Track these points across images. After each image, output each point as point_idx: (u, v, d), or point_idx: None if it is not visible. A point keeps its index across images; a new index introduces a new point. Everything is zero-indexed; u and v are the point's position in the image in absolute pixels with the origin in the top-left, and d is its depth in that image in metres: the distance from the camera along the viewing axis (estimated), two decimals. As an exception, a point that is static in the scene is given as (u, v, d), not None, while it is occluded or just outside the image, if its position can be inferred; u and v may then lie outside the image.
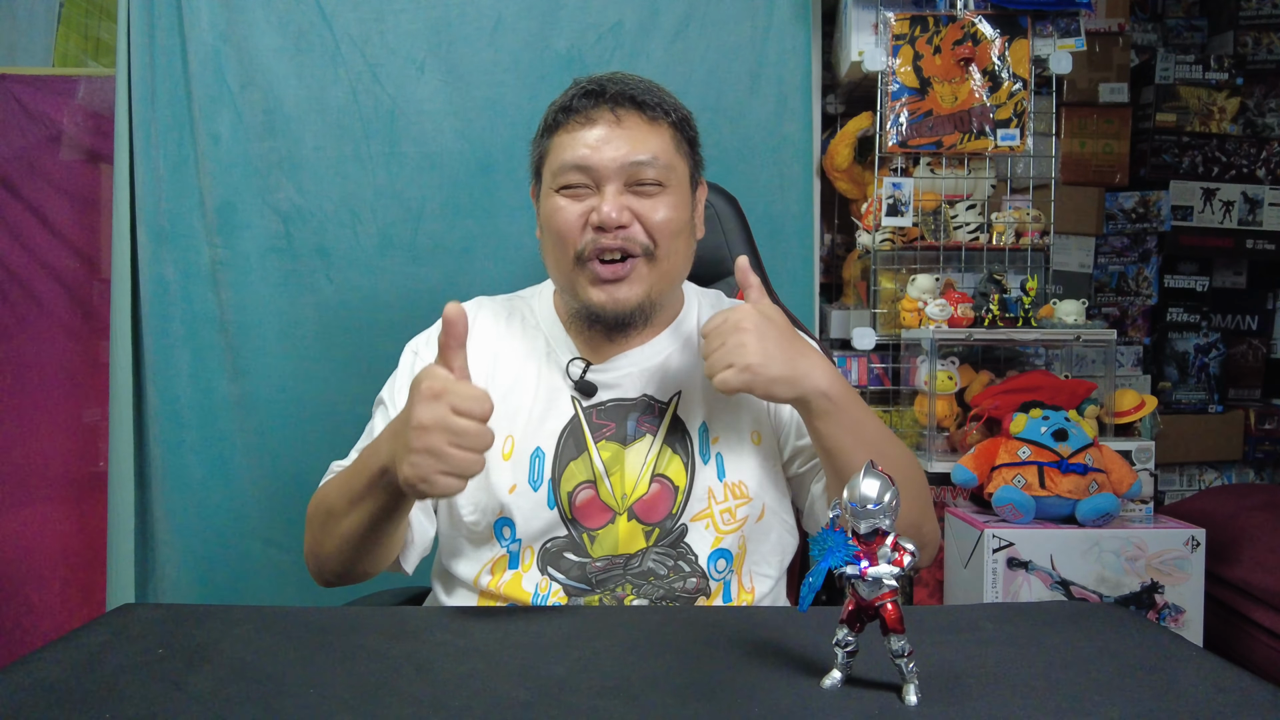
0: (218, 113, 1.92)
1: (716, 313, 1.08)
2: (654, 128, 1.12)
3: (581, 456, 1.14)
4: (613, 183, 1.10)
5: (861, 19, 2.06)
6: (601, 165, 1.09)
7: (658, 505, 1.13)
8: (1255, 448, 2.79)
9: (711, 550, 1.13)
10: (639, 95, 1.12)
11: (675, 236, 1.13)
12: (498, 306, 1.25)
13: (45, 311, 2.12)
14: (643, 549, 1.12)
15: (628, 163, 1.09)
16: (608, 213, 1.08)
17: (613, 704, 0.68)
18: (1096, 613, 0.92)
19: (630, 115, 1.11)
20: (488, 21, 1.95)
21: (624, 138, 1.10)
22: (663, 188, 1.12)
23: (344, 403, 1.90)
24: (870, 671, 0.71)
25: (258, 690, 0.71)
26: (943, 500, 1.92)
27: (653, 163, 1.10)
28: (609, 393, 1.17)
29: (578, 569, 1.11)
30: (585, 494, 1.13)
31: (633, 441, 1.15)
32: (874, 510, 0.68)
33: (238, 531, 1.94)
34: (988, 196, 2.10)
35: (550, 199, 1.13)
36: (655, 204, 1.11)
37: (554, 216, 1.12)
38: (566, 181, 1.11)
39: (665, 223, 1.11)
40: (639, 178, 1.10)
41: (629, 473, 1.13)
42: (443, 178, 1.95)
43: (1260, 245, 2.79)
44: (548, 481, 1.13)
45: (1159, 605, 1.71)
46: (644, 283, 1.12)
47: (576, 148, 1.10)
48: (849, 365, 2.14)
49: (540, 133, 1.17)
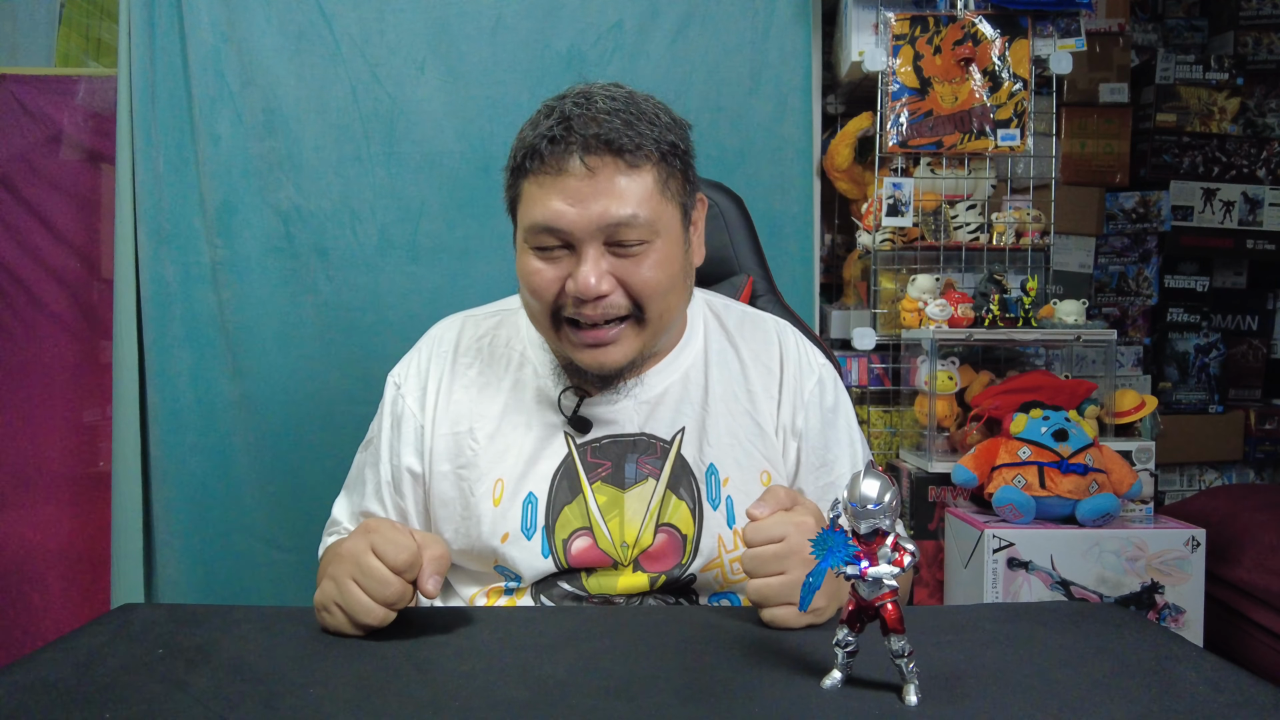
0: (218, 113, 1.92)
1: (763, 524, 0.88)
2: (634, 175, 0.96)
3: (576, 500, 1.05)
4: (590, 245, 0.96)
5: (862, 19, 2.06)
6: (575, 227, 0.96)
7: (665, 556, 1.05)
8: (1255, 448, 2.79)
9: (715, 594, 1.08)
10: (614, 137, 0.95)
11: (664, 295, 1.01)
12: (481, 330, 1.15)
13: (46, 312, 2.11)
14: (644, 592, 1.06)
15: (605, 223, 0.95)
16: (585, 280, 0.96)
17: (613, 704, 0.68)
18: (1096, 613, 0.92)
19: (605, 164, 0.95)
20: (488, 21, 1.95)
21: (599, 192, 0.95)
22: (647, 244, 0.98)
23: (344, 403, 1.90)
24: (870, 671, 0.71)
25: (258, 690, 0.71)
26: (943, 500, 1.92)
27: (633, 220, 0.96)
28: (605, 429, 1.07)
29: (572, 599, 1.06)
30: (582, 542, 1.05)
31: (632, 485, 1.06)
32: (874, 510, 0.68)
33: (238, 531, 1.94)
34: (988, 196, 2.10)
35: (524, 255, 1.01)
36: (639, 264, 0.98)
37: (530, 279, 1.00)
38: (539, 243, 0.99)
39: (652, 284, 0.98)
40: (619, 238, 0.97)
41: (629, 520, 1.05)
42: (443, 178, 1.95)
43: (1260, 245, 2.79)
44: (541, 529, 1.05)
45: (1159, 605, 1.71)
46: (632, 345, 1.02)
47: (548, 204, 0.96)
48: (849, 365, 2.14)
49: (511, 168, 1.03)
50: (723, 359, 1.13)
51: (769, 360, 1.13)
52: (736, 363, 1.13)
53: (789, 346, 1.15)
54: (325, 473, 1.26)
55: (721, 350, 1.14)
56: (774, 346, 1.14)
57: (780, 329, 1.18)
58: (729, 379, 1.12)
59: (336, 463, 1.29)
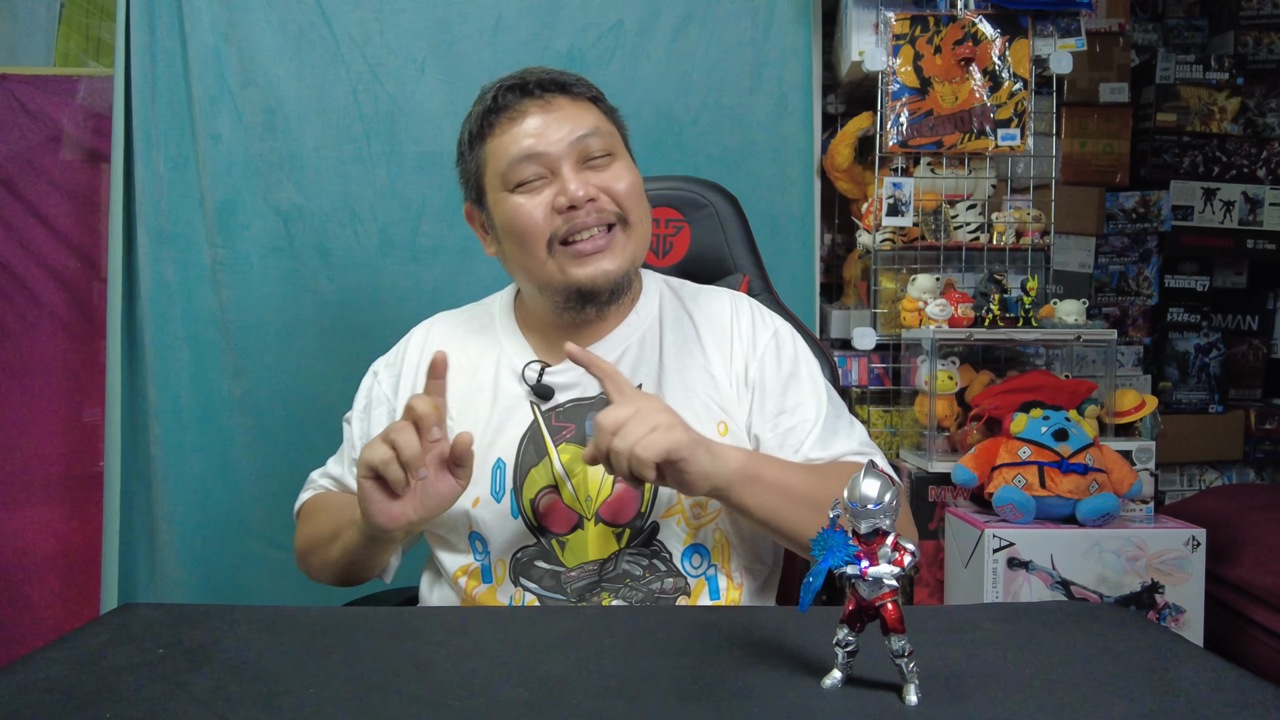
0: (218, 113, 1.92)
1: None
2: (582, 105, 1.12)
3: (542, 462, 1.11)
4: (566, 161, 1.09)
5: (862, 19, 2.06)
6: (551, 149, 1.08)
7: (625, 506, 1.10)
8: (1255, 448, 2.79)
9: (685, 547, 1.11)
10: (559, 78, 1.12)
11: (640, 201, 1.13)
12: (456, 320, 1.25)
13: (45, 311, 2.12)
14: (615, 551, 1.10)
15: (574, 139, 1.09)
16: (574, 190, 1.07)
17: (613, 704, 0.68)
18: (1097, 613, 0.92)
19: (557, 98, 1.11)
20: (488, 21, 1.95)
21: (561, 118, 1.09)
22: (612, 157, 1.12)
23: (344, 403, 1.87)
24: (870, 671, 0.71)
25: (258, 690, 0.71)
26: (943, 500, 1.92)
27: (596, 133, 1.10)
28: (567, 393, 1.14)
29: (551, 578, 1.09)
30: (548, 499, 1.10)
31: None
32: (874, 510, 0.68)
33: (238, 531, 1.94)
34: (988, 196, 2.10)
35: (505, 201, 1.11)
36: (613, 173, 1.11)
37: (516, 216, 1.10)
38: (520, 177, 1.09)
39: (629, 188, 1.11)
40: (589, 152, 1.10)
41: (592, 475, 1.10)
42: (443, 178, 1.95)
43: (1261, 245, 2.79)
44: (510, 491, 1.10)
45: (1159, 605, 1.71)
46: (624, 251, 1.11)
47: (519, 140, 1.09)
48: (849, 365, 2.14)
49: (465, 148, 1.16)
50: (677, 323, 1.20)
51: (721, 320, 1.19)
52: (690, 325, 1.19)
53: (742, 307, 1.21)
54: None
55: (676, 315, 1.20)
56: (726, 309, 1.20)
57: (735, 297, 1.24)
58: (683, 339, 1.18)
59: (336, 463, 1.29)
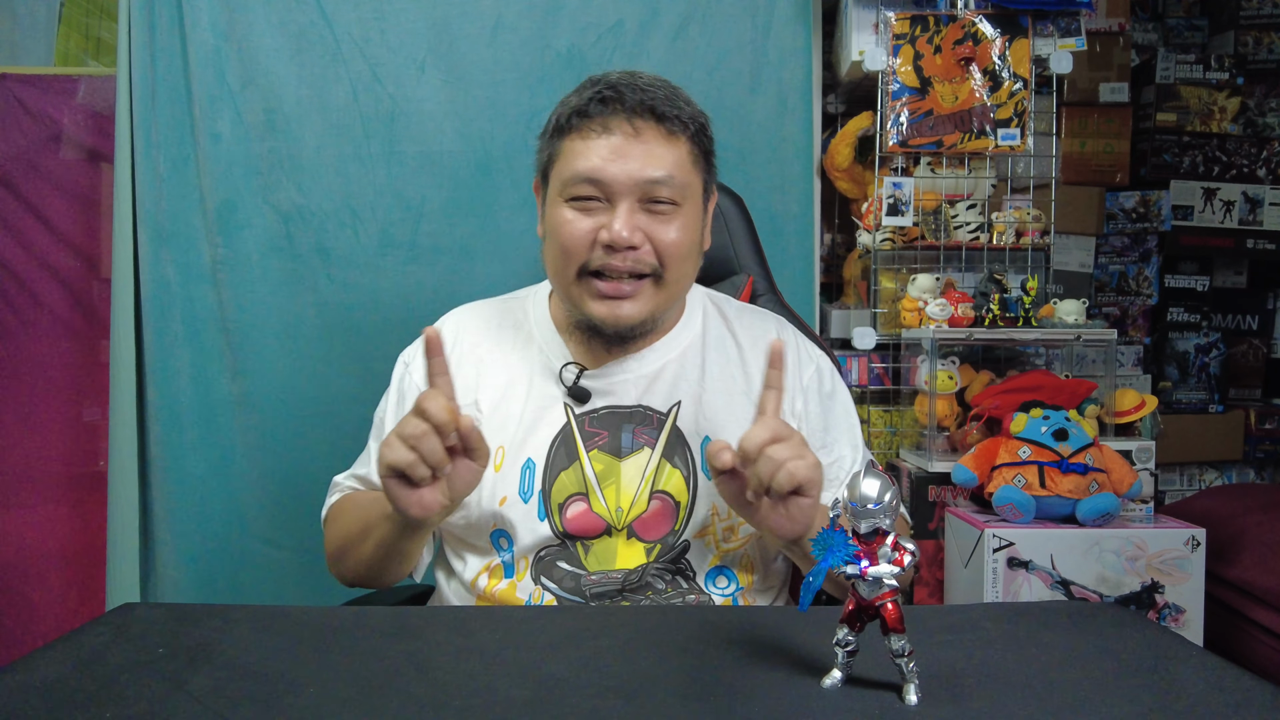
0: (218, 112, 1.92)
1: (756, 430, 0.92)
2: (671, 142, 1.06)
3: (573, 466, 1.09)
4: (625, 199, 1.04)
5: (862, 18, 2.06)
6: (615, 180, 1.03)
7: (658, 523, 1.09)
8: (1255, 448, 2.79)
9: (710, 568, 1.10)
10: (659, 106, 1.05)
11: (685, 259, 1.09)
12: (488, 313, 1.22)
13: (46, 311, 2.11)
14: (643, 564, 1.08)
15: (643, 179, 1.04)
16: (619, 232, 1.03)
17: (613, 704, 0.68)
18: (1096, 613, 0.92)
19: (648, 128, 1.05)
20: (488, 21, 1.95)
21: (640, 152, 1.04)
22: (677, 206, 1.06)
23: (344, 403, 1.90)
24: (870, 671, 0.71)
25: (258, 690, 0.71)
26: (943, 500, 1.92)
27: (668, 181, 1.05)
28: (603, 399, 1.12)
29: (571, 580, 1.08)
30: (577, 506, 1.09)
31: (629, 454, 1.10)
32: (874, 510, 0.68)
33: (238, 531, 1.94)
34: (988, 196, 2.10)
35: (558, 208, 1.07)
36: (668, 224, 1.06)
37: (561, 229, 1.06)
38: (576, 193, 1.05)
39: (676, 245, 1.06)
40: (653, 195, 1.05)
41: (625, 487, 1.09)
42: (443, 178, 1.95)
43: (1261, 245, 2.79)
44: (538, 493, 1.09)
45: (1159, 605, 1.71)
46: (649, 303, 1.08)
47: (590, 158, 1.04)
48: (849, 365, 2.14)
49: (550, 131, 1.10)
50: (721, 343, 1.18)
51: (765, 347, 1.15)
52: (734, 347, 1.18)
53: (787, 337, 1.20)
54: (325, 473, 1.27)
55: (720, 335, 1.19)
56: (771, 334, 1.19)
57: (780, 324, 1.23)
58: (726, 361, 1.17)
59: (336, 463, 1.29)
